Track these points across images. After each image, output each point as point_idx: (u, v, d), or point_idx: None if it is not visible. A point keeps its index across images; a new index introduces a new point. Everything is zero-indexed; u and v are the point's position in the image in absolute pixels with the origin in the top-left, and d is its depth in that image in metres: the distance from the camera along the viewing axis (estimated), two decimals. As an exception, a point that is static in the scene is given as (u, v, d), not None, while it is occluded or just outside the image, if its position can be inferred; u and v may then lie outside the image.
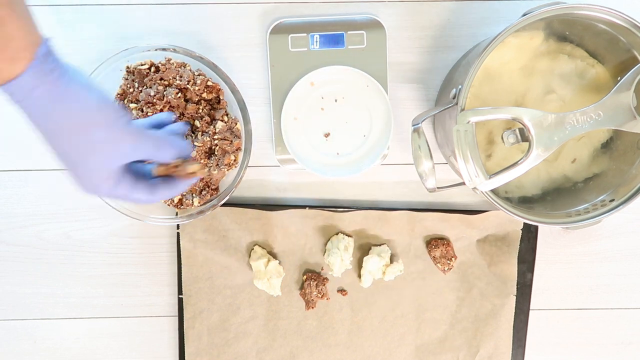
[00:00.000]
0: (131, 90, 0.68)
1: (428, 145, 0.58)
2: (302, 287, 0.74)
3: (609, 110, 0.57)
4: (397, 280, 0.74)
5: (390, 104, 0.71)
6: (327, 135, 0.72)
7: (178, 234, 0.73)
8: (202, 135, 0.68)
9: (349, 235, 0.73)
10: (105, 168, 0.48)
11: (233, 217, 0.72)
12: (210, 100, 0.69)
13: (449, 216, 0.72)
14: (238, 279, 0.74)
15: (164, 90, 0.67)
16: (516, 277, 0.74)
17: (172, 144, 0.52)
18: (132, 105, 0.67)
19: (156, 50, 0.67)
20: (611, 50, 0.63)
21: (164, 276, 0.75)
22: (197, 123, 0.68)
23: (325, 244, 0.74)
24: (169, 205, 0.70)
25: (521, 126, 0.57)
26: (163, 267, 0.75)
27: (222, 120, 0.68)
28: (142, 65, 0.68)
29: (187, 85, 0.67)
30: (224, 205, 0.71)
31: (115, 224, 0.74)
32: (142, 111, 0.67)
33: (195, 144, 0.67)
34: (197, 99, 0.68)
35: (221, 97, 0.69)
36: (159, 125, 0.57)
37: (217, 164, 0.68)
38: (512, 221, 0.73)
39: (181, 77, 0.67)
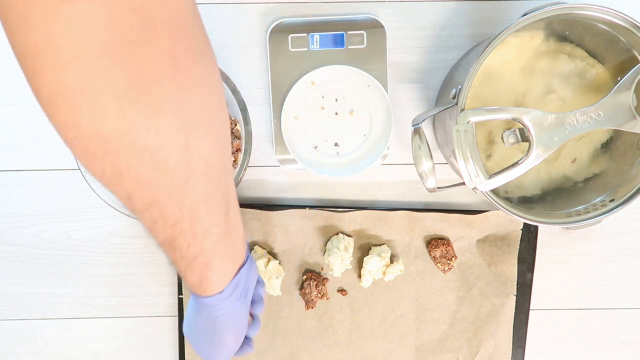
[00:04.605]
0: (131, 90, 0.67)
1: (428, 145, 0.58)
2: (302, 287, 0.74)
3: (609, 110, 0.57)
4: (397, 280, 0.74)
5: (391, 104, 0.71)
6: (327, 135, 0.72)
7: (178, 234, 0.72)
8: None
9: (349, 235, 0.73)
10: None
11: (233, 217, 0.72)
12: (210, 100, 0.69)
13: (449, 216, 0.72)
14: (238, 279, 0.74)
15: (164, 90, 0.66)
16: (516, 277, 0.73)
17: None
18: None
19: (156, 50, 0.67)
20: (611, 50, 0.63)
21: (164, 276, 0.75)
22: None
23: (325, 244, 0.74)
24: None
25: (521, 126, 0.57)
26: (163, 267, 0.75)
27: (222, 121, 0.68)
28: (142, 65, 0.68)
29: (187, 85, 0.67)
30: (224, 205, 0.71)
31: (115, 224, 0.74)
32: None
33: None
34: (197, 99, 0.68)
35: (221, 97, 0.69)
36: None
37: (217, 164, 0.68)
38: (512, 221, 0.73)
39: (181, 77, 0.67)
